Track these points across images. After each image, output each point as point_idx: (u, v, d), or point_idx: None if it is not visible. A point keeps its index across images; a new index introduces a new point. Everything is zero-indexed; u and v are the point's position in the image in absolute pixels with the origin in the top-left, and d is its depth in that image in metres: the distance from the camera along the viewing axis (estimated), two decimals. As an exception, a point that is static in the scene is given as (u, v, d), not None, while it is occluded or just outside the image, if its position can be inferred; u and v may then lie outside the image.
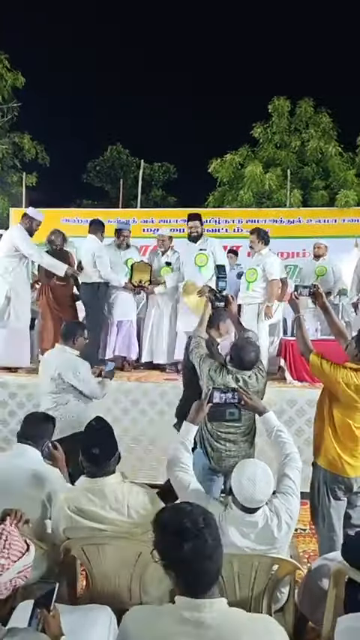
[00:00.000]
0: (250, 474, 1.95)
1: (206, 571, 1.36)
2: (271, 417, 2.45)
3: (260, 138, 11.74)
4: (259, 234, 5.15)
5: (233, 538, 1.95)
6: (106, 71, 26.67)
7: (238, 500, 1.96)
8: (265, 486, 1.95)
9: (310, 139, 11.15)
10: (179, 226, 7.70)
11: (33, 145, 11.12)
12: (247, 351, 2.79)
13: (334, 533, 2.75)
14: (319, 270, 5.87)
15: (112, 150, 17.85)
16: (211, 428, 2.84)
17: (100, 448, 2.14)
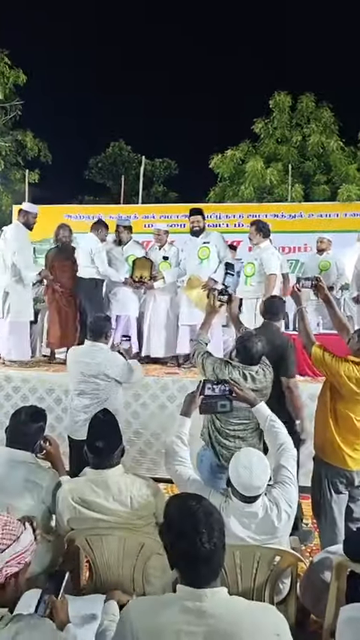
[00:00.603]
0: (245, 462, 1.96)
1: (207, 566, 1.37)
2: (263, 408, 2.46)
3: (261, 133, 11.69)
4: (257, 227, 5.03)
5: (234, 529, 1.95)
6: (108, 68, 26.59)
7: (237, 489, 1.97)
8: (262, 473, 1.96)
9: (311, 133, 11.10)
10: (180, 221, 7.72)
11: (35, 142, 11.12)
12: (253, 343, 2.77)
13: (335, 527, 2.75)
14: (322, 265, 5.86)
15: (114, 146, 17.84)
16: (220, 426, 2.83)
17: (104, 441, 2.15)
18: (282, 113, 11.45)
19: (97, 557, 2.08)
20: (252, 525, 1.97)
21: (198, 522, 1.38)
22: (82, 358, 3.40)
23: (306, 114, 11.48)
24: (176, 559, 1.41)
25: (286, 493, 2.06)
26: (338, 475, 2.72)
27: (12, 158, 11.36)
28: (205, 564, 1.37)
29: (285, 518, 1.99)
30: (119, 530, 2.06)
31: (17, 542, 1.43)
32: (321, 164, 11.37)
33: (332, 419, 2.71)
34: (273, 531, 1.98)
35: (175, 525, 1.42)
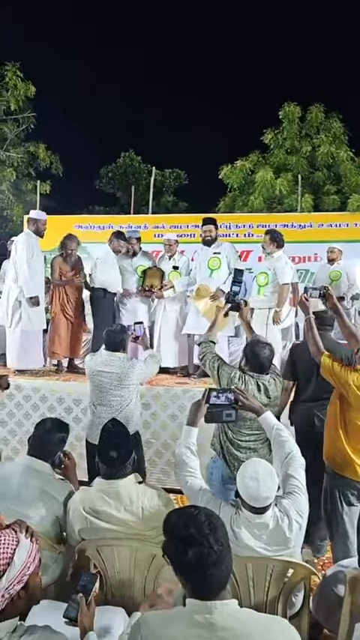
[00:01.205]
0: (252, 473, 1.94)
1: (213, 576, 1.36)
2: (269, 417, 2.41)
3: (271, 144, 11.76)
4: (272, 236, 5.06)
5: (246, 540, 1.93)
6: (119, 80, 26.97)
7: (245, 500, 1.94)
8: (270, 483, 1.93)
9: (321, 144, 11.14)
10: (190, 231, 7.75)
11: (47, 154, 11.28)
12: (261, 349, 2.77)
13: (347, 539, 2.71)
14: (333, 275, 5.85)
15: (125, 157, 18.04)
16: (232, 436, 2.82)
17: (116, 451, 2.15)
18: (291, 124, 11.52)
19: (108, 568, 2.07)
20: (263, 536, 1.94)
21: (202, 526, 1.38)
22: (102, 368, 3.37)
23: (315, 124, 11.54)
24: (184, 569, 1.39)
25: (297, 503, 2.03)
26: (349, 487, 2.70)
27: (24, 169, 11.52)
28: (216, 568, 1.35)
29: (296, 528, 1.97)
30: (130, 540, 2.05)
31: (12, 565, 1.34)
32: (331, 174, 11.40)
33: (342, 429, 2.69)
34: (285, 542, 1.95)
35: (180, 534, 1.40)
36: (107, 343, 3.44)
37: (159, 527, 2.12)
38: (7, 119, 10.86)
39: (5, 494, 2.18)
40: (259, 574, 1.97)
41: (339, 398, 2.72)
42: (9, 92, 10.21)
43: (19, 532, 1.41)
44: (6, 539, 1.37)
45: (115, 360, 3.36)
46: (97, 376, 3.38)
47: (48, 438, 2.38)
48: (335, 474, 2.75)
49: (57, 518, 2.21)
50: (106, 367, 3.36)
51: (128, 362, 3.40)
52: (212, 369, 2.92)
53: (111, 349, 3.41)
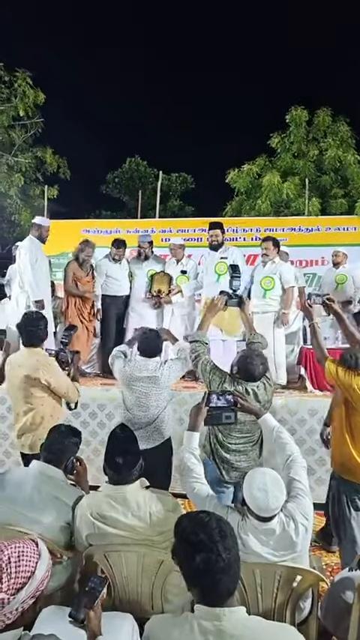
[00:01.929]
0: (260, 484, 1.93)
1: (222, 583, 1.35)
2: (269, 419, 2.42)
3: (278, 147, 11.75)
4: (275, 242, 5.11)
5: (253, 546, 1.93)
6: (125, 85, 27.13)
7: (253, 510, 1.94)
8: (278, 494, 1.93)
9: (328, 147, 11.12)
10: (197, 235, 7.76)
11: (55, 159, 11.35)
12: (255, 365, 2.78)
13: (355, 545, 2.70)
14: (338, 279, 5.83)
15: (131, 162, 18.13)
16: (222, 439, 2.84)
17: (123, 457, 2.15)
18: (298, 128, 11.51)
19: (115, 573, 2.07)
20: (270, 542, 1.94)
21: (212, 532, 1.38)
22: (139, 373, 3.24)
23: (322, 128, 11.52)
24: (193, 575, 1.39)
25: (301, 506, 2.02)
26: (357, 492, 2.69)
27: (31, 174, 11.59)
28: (224, 575, 1.35)
29: (302, 531, 1.96)
30: (138, 546, 2.05)
31: (33, 578, 1.31)
32: (338, 178, 11.37)
33: (348, 434, 2.69)
34: (292, 546, 1.95)
35: (189, 539, 1.40)
36: (143, 350, 3.31)
37: (166, 532, 2.12)
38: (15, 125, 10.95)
39: (18, 499, 2.19)
40: (266, 580, 1.96)
41: (344, 402, 2.72)
42: (17, 98, 10.30)
43: (40, 545, 1.40)
44: (29, 552, 1.34)
45: (150, 364, 3.27)
46: (134, 382, 3.25)
47: (62, 443, 2.41)
48: (342, 479, 2.74)
49: (67, 524, 2.21)
50: (142, 372, 3.25)
51: (163, 365, 3.31)
52: (204, 372, 2.94)
53: (146, 355, 3.29)
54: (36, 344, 3.22)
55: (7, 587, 1.26)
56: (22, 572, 1.30)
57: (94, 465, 4.16)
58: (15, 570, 1.29)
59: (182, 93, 27.20)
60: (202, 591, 1.38)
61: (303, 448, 4.16)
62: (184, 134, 22.93)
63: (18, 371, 3.17)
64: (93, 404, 4.50)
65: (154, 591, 2.06)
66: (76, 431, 2.56)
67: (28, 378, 3.14)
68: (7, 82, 10.37)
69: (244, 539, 1.93)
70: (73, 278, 5.34)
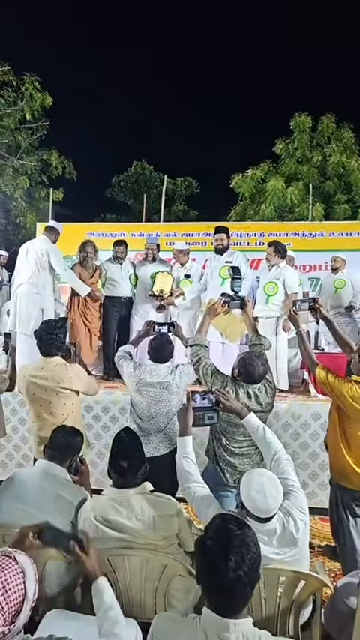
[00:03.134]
0: (258, 486, 1.92)
1: (236, 596, 1.32)
2: (253, 419, 2.42)
3: (282, 153, 11.80)
4: (276, 247, 5.08)
5: None
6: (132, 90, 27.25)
7: (252, 512, 1.93)
8: (275, 493, 1.93)
9: (332, 153, 11.16)
10: (201, 239, 7.77)
11: (60, 161, 11.40)
12: (255, 366, 2.78)
13: (355, 551, 2.70)
14: (337, 283, 5.85)
15: (137, 166, 18.19)
16: (226, 443, 2.84)
17: (127, 460, 2.15)
18: (302, 134, 11.56)
19: (118, 577, 2.06)
20: (273, 542, 1.95)
21: (230, 548, 1.32)
22: (150, 379, 3.17)
23: (326, 134, 11.57)
24: (207, 580, 1.36)
25: (297, 501, 2.04)
26: (354, 498, 2.69)
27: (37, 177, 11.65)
28: (228, 593, 1.31)
29: (302, 526, 1.97)
30: (141, 550, 2.04)
31: (26, 600, 1.28)
32: (342, 183, 11.40)
33: (343, 441, 2.69)
34: (294, 542, 1.96)
35: (206, 542, 1.36)
36: (154, 356, 3.23)
37: (170, 536, 2.12)
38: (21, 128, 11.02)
39: (23, 498, 2.20)
40: (270, 586, 1.95)
41: (337, 410, 2.72)
42: (23, 102, 10.36)
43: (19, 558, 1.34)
44: (12, 576, 1.28)
45: (161, 370, 3.19)
46: (144, 388, 3.16)
47: (66, 442, 2.41)
48: (340, 486, 2.75)
49: (71, 523, 2.21)
50: (153, 378, 3.17)
51: (175, 370, 3.23)
52: (205, 375, 2.93)
53: (157, 361, 3.22)
54: (56, 353, 3.13)
55: (4, 621, 1.22)
56: (14, 600, 1.25)
57: (98, 469, 4.17)
58: (6, 602, 1.23)
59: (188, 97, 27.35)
60: (214, 599, 1.35)
61: (306, 452, 4.16)
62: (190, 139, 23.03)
63: (42, 385, 3.06)
64: (97, 407, 4.51)
65: (158, 596, 2.05)
66: (79, 431, 2.57)
67: (55, 389, 3.06)
68: (14, 85, 10.44)
69: None
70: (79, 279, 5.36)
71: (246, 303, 3.22)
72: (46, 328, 3.12)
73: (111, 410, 4.49)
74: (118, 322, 5.55)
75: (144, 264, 5.58)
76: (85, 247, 5.44)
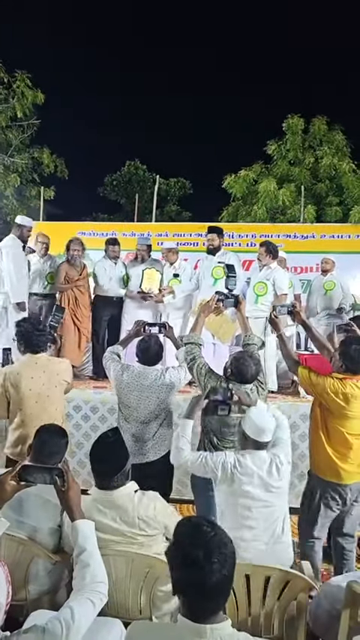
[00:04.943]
0: (256, 411, 2.39)
1: (210, 601, 1.29)
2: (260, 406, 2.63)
3: (274, 155, 11.82)
4: (267, 248, 5.06)
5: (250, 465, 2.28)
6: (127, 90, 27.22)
7: (251, 436, 2.33)
8: (271, 418, 2.39)
9: (323, 155, 11.20)
10: (193, 240, 7.78)
11: (52, 159, 11.34)
12: (248, 366, 2.81)
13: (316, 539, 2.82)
14: (327, 285, 5.87)
15: (130, 165, 18.14)
16: (217, 443, 2.87)
17: (108, 462, 2.11)
18: (295, 135, 11.60)
19: (104, 577, 2.05)
20: (263, 467, 2.29)
21: (211, 550, 1.29)
22: (139, 381, 3.10)
23: (318, 136, 11.62)
24: (180, 586, 1.32)
25: (284, 450, 2.39)
26: (331, 489, 2.78)
27: (28, 175, 11.57)
28: (210, 597, 1.28)
29: (286, 463, 2.35)
30: (127, 551, 2.04)
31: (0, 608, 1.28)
32: (333, 186, 11.45)
33: (324, 434, 2.80)
34: (278, 474, 2.30)
35: (185, 549, 1.31)
36: (142, 358, 3.16)
37: (155, 537, 2.12)
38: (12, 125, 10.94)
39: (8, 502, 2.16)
40: (256, 585, 1.95)
41: (319, 406, 2.82)
42: (15, 99, 10.29)
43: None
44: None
45: (150, 373, 3.11)
46: (132, 392, 3.08)
47: (52, 444, 2.35)
48: (317, 477, 2.84)
49: (58, 527, 2.19)
50: (142, 381, 3.08)
51: (165, 373, 3.14)
52: (199, 375, 2.93)
53: (146, 364, 3.15)
54: (42, 349, 3.12)
55: None
56: None
57: (86, 469, 4.14)
58: None
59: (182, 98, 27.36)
60: (188, 604, 1.31)
61: (296, 453, 4.14)
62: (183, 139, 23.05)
63: (37, 379, 3.03)
64: (85, 407, 4.48)
65: (143, 596, 2.05)
66: (64, 431, 2.52)
67: (53, 381, 3.06)
68: (5, 83, 10.36)
69: (242, 461, 2.29)
70: (65, 278, 5.32)
71: (240, 302, 3.22)
72: (30, 326, 3.10)
73: (100, 410, 4.47)
74: (109, 322, 5.54)
75: (135, 265, 5.57)
76: (72, 245, 5.39)
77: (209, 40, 33.99)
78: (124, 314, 5.52)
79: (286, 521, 2.35)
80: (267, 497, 2.28)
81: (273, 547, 2.27)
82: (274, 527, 2.29)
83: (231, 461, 2.31)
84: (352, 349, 2.72)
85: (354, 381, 2.72)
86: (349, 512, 2.83)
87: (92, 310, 5.49)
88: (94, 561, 1.55)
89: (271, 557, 2.20)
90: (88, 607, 1.43)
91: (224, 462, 2.31)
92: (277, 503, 2.31)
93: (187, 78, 29.65)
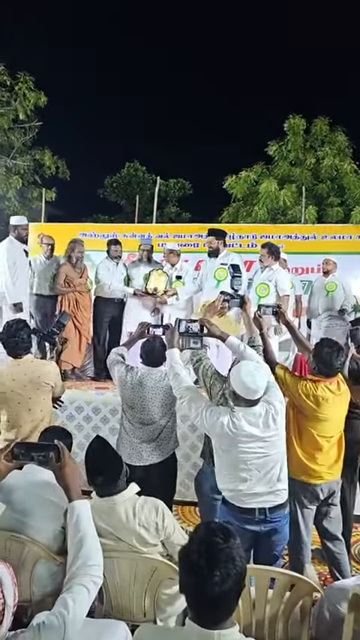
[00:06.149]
0: (246, 371, 2.28)
1: (224, 610, 1.28)
2: (233, 340, 2.71)
3: (275, 155, 11.84)
4: (269, 249, 5.05)
5: (245, 427, 2.26)
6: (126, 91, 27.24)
7: (241, 395, 2.26)
8: (262, 376, 2.31)
9: (325, 156, 11.21)
10: (193, 241, 7.77)
11: (53, 161, 11.36)
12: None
13: (301, 539, 2.83)
14: (329, 286, 5.86)
15: (129, 167, 18.14)
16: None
17: (103, 473, 2.10)
18: (296, 136, 11.61)
19: (107, 579, 2.04)
20: (259, 423, 2.29)
21: (215, 562, 1.25)
22: (145, 382, 3.09)
23: (320, 137, 11.63)
24: (184, 590, 1.31)
25: (275, 394, 2.40)
26: (303, 489, 2.81)
27: (30, 177, 11.59)
28: (213, 607, 1.26)
29: (280, 409, 2.36)
30: (131, 553, 2.04)
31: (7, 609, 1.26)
32: (334, 186, 11.46)
33: (295, 435, 2.82)
34: (274, 422, 2.32)
35: (189, 555, 1.29)
36: (146, 360, 3.16)
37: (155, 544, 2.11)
38: (14, 128, 10.96)
39: (11, 503, 2.17)
40: (260, 589, 1.95)
41: (292, 407, 2.85)
42: (17, 102, 10.31)
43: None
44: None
45: (155, 374, 3.11)
46: (136, 392, 3.08)
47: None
48: (291, 479, 2.79)
49: (62, 529, 2.19)
50: (146, 382, 3.08)
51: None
52: (205, 377, 2.88)
53: (151, 365, 3.15)
54: (22, 354, 3.10)
55: None
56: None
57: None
58: None
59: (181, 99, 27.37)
60: (197, 609, 1.30)
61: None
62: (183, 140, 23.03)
63: (21, 380, 3.03)
64: (87, 407, 4.49)
65: (147, 599, 2.04)
66: (68, 432, 2.53)
67: (35, 383, 3.05)
68: (7, 85, 10.38)
69: (236, 423, 2.26)
70: (65, 279, 5.32)
71: (245, 302, 3.18)
72: (7, 331, 3.08)
73: (102, 411, 4.47)
74: (110, 323, 5.54)
75: (137, 265, 5.58)
76: (72, 247, 5.40)
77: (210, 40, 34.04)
78: (125, 315, 5.52)
79: (283, 469, 2.40)
80: (261, 449, 2.30)
81: (267, 496, 2.34)
82: (269, 477, 2.34)
83: (225, 421, 2.28)
84: (324, 352, 2.74)
85: (327, 384, 2.73)
86: (327, 514, 2.87)
87: (93, 311, 5.50)
88: (87, 543, 1.51)
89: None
90: (82, 594, 1.40)
91: (218, 423, 2.29)
92: (271, 452, 2.33)
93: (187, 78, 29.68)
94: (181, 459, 4.03)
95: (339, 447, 2.85)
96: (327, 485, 2.82)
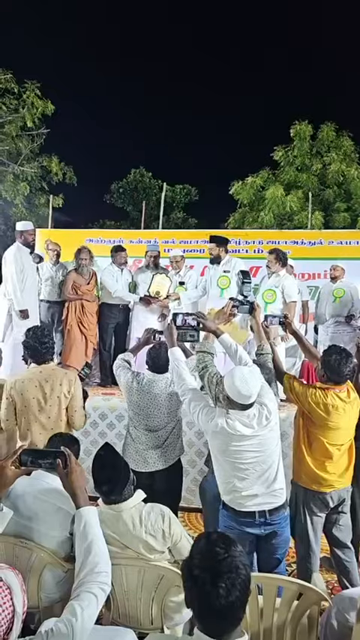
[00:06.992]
0: (240, 376, 2.28)
1: (231, 620, 1.26)
2: (227, 337, 2.76)
3: (281, 161, 11.86)
4: (277, 255, 5.03)
5: (238, 428, 2.30)
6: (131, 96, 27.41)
7: (236, 400, 2.28)
8: (256, 381, 2.32)
9: (331, 162, 11.22)
10: (199, 247, 7.78)
11: (60, 167, 11.45)
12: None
13: (310, 549, 2.80)
14: (336, 292, 5.83)
15: (136, 173, 18.25)
16: None
17: (110, 481, 2.09)
18: (302, 142, 11.62)
19: (115, 586, 2.04)
20: (253, 423, 2.33)
21: (219, 574, 1.23)
22: (151, 389, 3.09)
23: (326, 143, 11.63)
24: (191, 602, 1.28)
25: (268, 393, 2.45)
26: (313, 498, 2.78)
27: (37, 183, 11.69)
28: (220, 619, 1.24)
29: (273, 408, 2.40)
30: (138, 560, 2.03)
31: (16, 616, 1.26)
32: (341, 192, 11.45)
33: (305, 444, 2.80)
34: (268, 422, 2.35)
35: (191, 569, 1.27)
36: (152, 366, 3.17)
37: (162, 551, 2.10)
38: (22, 135, 11.07)
39: (19, 509, 2.17)
40: (268, 598, 1.94)
41: (302, 415, 2.83)
42: (25, 109, 10.42)
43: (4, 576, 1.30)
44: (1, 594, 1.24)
45: (161, 380, 3.12)
46: (143, 399, 3.08)
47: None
48: (299, 486, 2.84)
49: (70, 535, 2.19)
50: (152, 389, 3.09)
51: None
52: (210, 384, 2.85)
53: (157, 371, 3.15)
54: (49, 359, 3.14)
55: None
56: (4, 619, 1.23)
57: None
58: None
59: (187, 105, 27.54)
60: (204, 622, 1.28)
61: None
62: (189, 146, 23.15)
63: (43, 386, 3.04)
64: (94, 413, 4.49)
65: (154, 606, 2.04)
66: (75, 439, 2.55)
67: (56, 390, 3.04)
68: (15, 93, 10.50)
69: (230, 424, 2.30)
70: (72, 286, 5.36)
71: (255, 308, 3.14)
72: (34, 336, 3.08)
73: (108, 417, 4.47)
74: (115, 329, 5.56)
75: (144, 271, 5.59)
76: (80, 254, 5.45)
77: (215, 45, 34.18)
78: (132, 321, 5.54)
79: (279, 468, 2.41)
80: (256, 448, 2.34)
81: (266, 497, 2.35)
82: (266, 476, 2.36)
83: (219, 422, 2.32)
84: (333, 359, 2.71)
85: (336, 392, 2.71)
86: (337, 522, 2.84)
87: (98, 318, 5.52)
88: (95, 550, 1.51)
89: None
90: (90, 601, 1.40)
91: (213, 423, 2.35)
92: (266, 451, 2.35)
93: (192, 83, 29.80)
94: (187, 465, 4.03)
95: (349, 455, 2.82)
96: (337, 493, 2.80)
